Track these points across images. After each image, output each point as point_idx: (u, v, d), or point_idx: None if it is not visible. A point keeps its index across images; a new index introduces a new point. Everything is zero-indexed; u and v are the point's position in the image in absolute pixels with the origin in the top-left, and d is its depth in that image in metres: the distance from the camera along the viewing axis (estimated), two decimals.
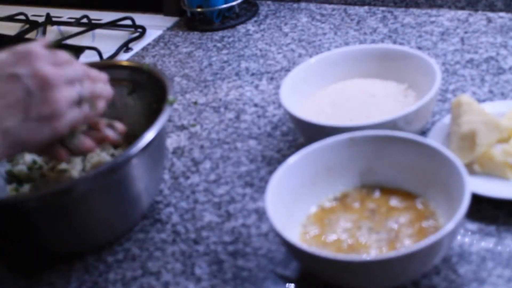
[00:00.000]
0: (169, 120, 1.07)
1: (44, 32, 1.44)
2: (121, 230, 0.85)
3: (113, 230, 0.85)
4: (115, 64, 1.03)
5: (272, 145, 0.97)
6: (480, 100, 0.94)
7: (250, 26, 1.31)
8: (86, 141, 0.78)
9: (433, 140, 0.82)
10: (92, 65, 0.80)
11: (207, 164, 0.96)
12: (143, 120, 0.87)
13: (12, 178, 0.90)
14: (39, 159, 0.91)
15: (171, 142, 1.02)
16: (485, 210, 0.78)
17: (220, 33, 1.31)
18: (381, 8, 1.26)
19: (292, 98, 0.91)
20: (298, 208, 0.77)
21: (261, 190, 0.88)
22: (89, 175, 0.77)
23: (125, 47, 1.33)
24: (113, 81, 0.88)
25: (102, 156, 0.90)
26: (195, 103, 1.11)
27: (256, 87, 1.12)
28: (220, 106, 1.09)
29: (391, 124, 0.82)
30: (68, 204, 0.78)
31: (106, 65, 0.98)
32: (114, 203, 0.82)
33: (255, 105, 1.07)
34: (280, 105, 1.04)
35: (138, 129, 0.84)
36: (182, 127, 1.06)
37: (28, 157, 0.90)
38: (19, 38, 1.44)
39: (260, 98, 1.08)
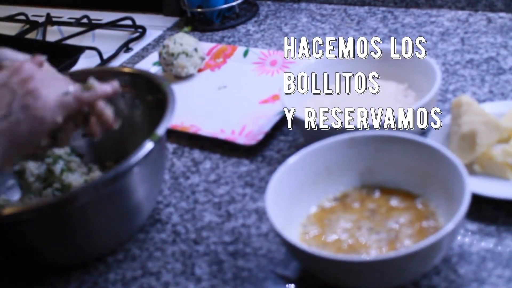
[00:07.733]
0: None
1: (44, 32, 1.44)
2: (124, 239, 0.85)
3: (116, 239, 0.84)
4: (116, 70, 1.02)
5: (272, 145, 0.97)
6: (480, 100, 0.94)
7: (250, 26, 1.31)
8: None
9: (433, 140, 0.82)
10: (94, 72, 0.80)
11: (207, 164, 0.96)
12: (145, 127, 0.87)
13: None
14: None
15: (171, 142, 1.02)
16: (485, 210, 0.78)
17: (220, 33, 1.31)
18: (381, 8, 1.26)
19: (292, 98, 0.92)
20: (298, 208, 0.77)
21: (261, 190, 0.88)
22: (89, 185, 0.76)
23: (125, 47, 1.32)
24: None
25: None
26: None
27: None
28: None
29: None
30: (69, 215, 0.76)
31: (107, 71, 0.97)
32: (116, 213, 0.80)
33: None
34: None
35: (139, 136, 0.82)
36: None
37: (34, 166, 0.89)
38: (19, 38, 1.44)
39: None
